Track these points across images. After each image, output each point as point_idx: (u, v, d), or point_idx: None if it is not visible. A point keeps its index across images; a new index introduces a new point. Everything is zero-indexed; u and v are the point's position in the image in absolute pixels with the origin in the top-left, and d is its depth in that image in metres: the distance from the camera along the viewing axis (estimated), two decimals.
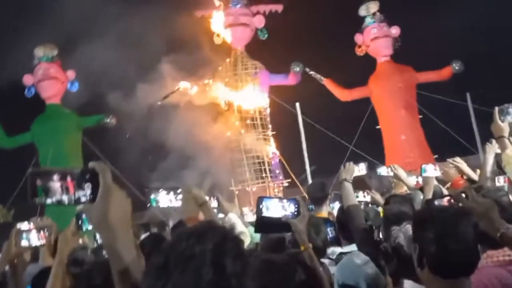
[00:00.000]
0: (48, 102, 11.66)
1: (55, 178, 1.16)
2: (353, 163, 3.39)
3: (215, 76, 12.62)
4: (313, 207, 3.60)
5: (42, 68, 11.45)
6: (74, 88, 11.61)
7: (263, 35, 12.64)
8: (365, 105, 12.52)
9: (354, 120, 12.36)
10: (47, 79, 11.41)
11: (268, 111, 12.89)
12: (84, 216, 2.27)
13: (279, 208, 2.21)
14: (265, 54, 13.02)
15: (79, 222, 2.35)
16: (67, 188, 1.16)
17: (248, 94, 12.56)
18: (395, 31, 12.53)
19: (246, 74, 12.82)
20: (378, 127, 12.57)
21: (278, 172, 12.55)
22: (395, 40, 12.51)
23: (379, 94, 12.37)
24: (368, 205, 4.33)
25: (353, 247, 2.73)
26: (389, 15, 12.68)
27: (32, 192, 1.15)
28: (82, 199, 1.17)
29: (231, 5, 12.71)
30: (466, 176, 3.75)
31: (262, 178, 12.27)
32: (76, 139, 11.52)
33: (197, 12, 12.61)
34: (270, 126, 12.83)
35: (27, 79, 11.44)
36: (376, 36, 12.33)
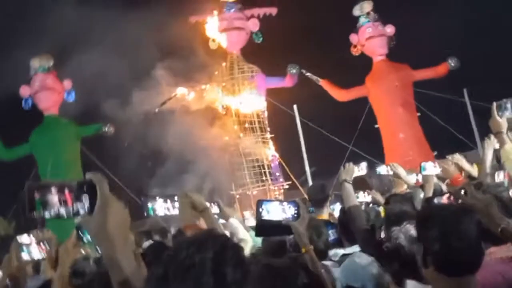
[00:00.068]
0: (45, 113, 11.65)
1: (53, 191, 1.15)
2: (352, 163, 3.39)
3: (212, 81, 12.64)
4: (313, 209, 3.60)
5: (38, 79, 11.45)
6: (71, 98, 11.60)
7: (258, 39, 12.66)
8: (362, 104, 12.54)
9: (352, 120, 12.38)
10: (44, 90, 11.41)
11: (266, 114, 12.89)
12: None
13: (279, 211, 2.20)
14: (261, 57, 13.04)
15: (80, 234, 2.35)
16: (65, 201, 1.15)
17: (246, 97, 12.57)
18: (390, 29, 12.56)
19: (242, 77, 12.83)
20: (376, 126, 12.58)
21: (278, 174, 12.55)
22: (390, 39, 12.54)
23: (376, 93, 12.39)
24: (369, 205, 4.33)
25: (355, 248, 2.72)
26: (383, 14, 12.72)
27: (30, 206, 1.15)
28: (81, 211, 1.16)
29: (225, 9, 12.74)
30: (466, 173, 3.75)
31: (262, 181, 12.27)
32: (75, 149, 11.51)
33: (191, 18, 12.64)
34: (268, 129, 12.83)
35: (24, 91, 11.44)
36: (371, 35, 12.36)
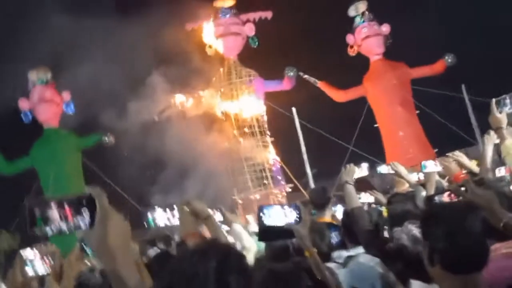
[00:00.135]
0: (45, 126, 11.66)
1: (53, 206, 1.16)
2: (353, 164, 3.39)
3: (210, 87, 12.66)
4: (315, 212, 3.59)
5: (37, 92, 11.46)
6: (70, 111, 11.61)
7: (254, 43, 12.69)
8: (361, 104, 12.55)
9: (351, 121, 12.39)
10: (43, 103, 11.42)
11: (265, 118, 12.91)
12: None
13: (281, 216, 2.20)
14: (258, 61, 13.08)
15: (83, 246, 2.35)
16: (65, 216, 1.16)
17: (244, 102, 12.59)
18: (386, 28, 12.59)
19: (240, 82, 12.86)
20: (376, 125, 12.58)
21: (279, 178, 12.54)
22: (386, 38, 12.57)
23: (374, 92, 12.40)
24: (371, 205, 4.32)
25: (359, 250, 2.71)
26: (378, 13, 12.76)
27: (31, 223, 1.15)
28: (82, 226, 1.17)
29: (220, 15, 12.78)
30: (467, 169, 3.74)
31: (265, 185, 12.26)
32: (76, 160, 11.51)
33: (187, 25, 12.68)
34: (268, 133, 12.84)
35: (23, 104, 11.45)
36: (367, 35, 12.39)
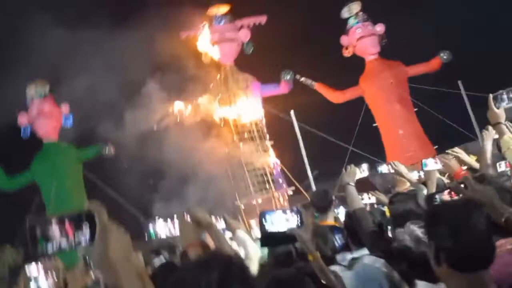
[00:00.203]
0: (45, 139, 11.66)
1: (53, 223, 1.17)
2: (354, 165, 3.39)
3: (208, 94, 12.69)
4: (318, 215, 3.58)
5: (36, 106, 11.47)
6: (69, 124, 11.61)
7: (248, 49, 12.73)
8: (359, 105, 12.57)
9: (350, 121, 12.40)
10: (42, 117, 11.42)
11: (264, 122, 12.92)
12: None
13: (283, 221, 2.20)
14: (254, 66, 13.11)
15: (87, 260, 2.35)
16: (66, 233, 1.18)
17: (242, 107, 12.61)
18: (380, 28, 12.63)
19: (238, 88, 12.88)
20: (375, 125, 12.59)
21: (281, 181, 12.54)
22: (380, 38, 12.60)
23: (371, 92, 12.42)
24: (374, 206, 4.31)
25: (363, 251, 2.70)
26: (372, 13, 12.80)
27: (32, 242, 1.17)
28: (82, 242, 1.19)
29: (215, 22, 12.82)
30: (468, 166, 3.74)
31: (266, 189, 12.25)
32: (77, 172, 11.49)
33: (182, 34, 12.71)
34: (268, 137, 12.85)
35: (22, 119, 11.45)
36: (361, 35, 12.42)
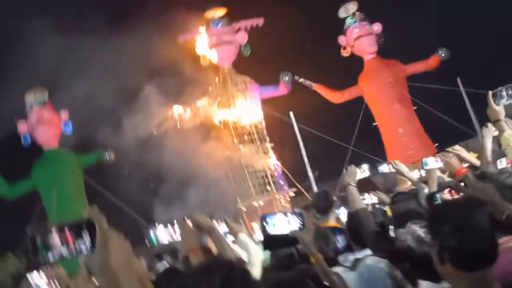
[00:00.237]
0: (45, 147, 11.66)
1: (54, 232, 1.18)
2: (354, 165, 3.39)
3: (207, 97, 12.70)
4: (319, 216, 3.58)
5: (35, 114, 11.47)
6: (69, 130, 11.61)
7: (246, 52, 12.74)
8: (358, 104, 12.57)
9: (350, 121, 12.40)
10: (42, 124, 11.42)
11: (263, 124, 12.93)
12: None
13: (284, 224, 2.20)
14: (252, 68, 13.13)
15: (89, 267, 2.34)
16: (66, 241, 1.18)
17: (242, 110, 12.62)
18: (377, 27, 12.64)
19: (237, 90, 12.90)
20: (374, 124, 12.59)
21: (282, 183, 12.53)
22: (378, 37, 12.61)
23: (370, 91, 12.42)
24: (375, 205, 4.31)
25: (366, 252, 2.70)
26: (369, 12, 12.81)
27: (33, 251, 1.17)
28: (83, 250, 1.19)
29: (212, 25, 12.84)
30: (468, 163, 3.73)
31: (267, 191, 12.25)
32: (78, 179, 11.49)
33: (179, 37, 12.73)
34: (267, 139, 12.86)
35: (22, 127, 11.44)
36: (358, 35, 12.43)
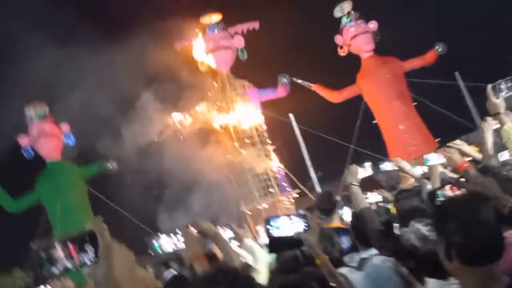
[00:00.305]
0: (48, 159, 11.68)
1: (57, 246, 1.20)
2: (356, 164, 3.38)
3: (206, 102, 12.73)
4: (324, 217, 3.57)
5: (36, 127, 11.49)
6: (71, 142, 11.64)
7: (243, 56, 12.78)
8: (357, 103, 12.57)
9: (350, 120, 12.41)
10: (43, 137, 11.44)
11: (264, 127, 12.94)
12: None
13: (289, 226, 2.19)
14: (251, 72, 13.17)
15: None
16: (70, 255, 1.20)
17: (241, 114, 12.64)
18: (373, 25, 12.65)
19: (236, 94, 12.92)
20: (374, 122, 12.58)
21: (285, 184, 12.53)
22: (374, 34, 12.62)
23: (369, 89, 12.41)
24: (379, 204, 4.30)
25: (372, 251, 2.68)
26: (364, 10, 12.82)
27: (38, 266, 1.19)
28: (87, 262, 1.21)
29: (208, 31, 12.88)
30: (470, 157, 3.72)
31: (271, 193, 12.25)
32: (82, 190, 11.51)
33: (176, 44, 12.77)
34: (269, 141, 12.87)
35: (23, 141, 11.47)
36: (355, 34, 12.44)
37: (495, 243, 1.52)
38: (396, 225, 2.79)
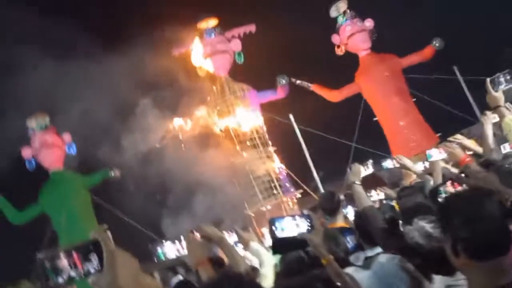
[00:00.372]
0: (50, 170, 11.71)
1: (61, 256, 1.20)
2: (358, 163, 3.38)
3: (206, 107, 12.75)
4: (328, 217, 3.56)
5: (38, 138, 11.52)
6: (73, 151, 11.66)
7: (239, 59, 12.80)
8: (357, 101, 12.57)
9: (350, 118, 12.41)
10: (45, 148, 11.46)
11: (264, 129, 12.95)
12: None
13: (293, 227, 2.19)
14: (249, 75, 13.19)
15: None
16: (74, 264, 1.20)
17: (241, 116, 12.66)
18: (369, 23, 12.65)
19: (235, 97, 12.94)
20: (375, 119, 12.57)
21: (288, 185, 12.53)
22: (371, 32, 12.63)
23: (368, 87, 12.41)
24: (382, 201, 4.29)
25: (377, 250, 2.68)
26: (360, 8, 12.82)
27: (43, 276, 1.19)
28: (92, 271, 1.21)
29: (205, 36, 12.92)
30: (472, 151, 3.71)
31: (274, 194, 12.24)
32: (86, 200, 11.52)
33: (174, 51, 12.80)
34: (270, 143, 12.87)
35: (26, 152, 11.49)
36: (351, 32, 12.45)
37: (501, 237, 1.51)
38: (401, 222, 2.78)
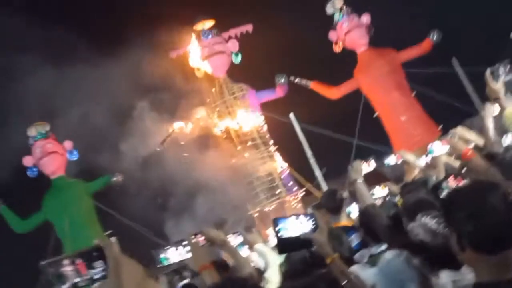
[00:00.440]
0: (52, 177, 11.72)
1: (65, 263, 1.21)
2: (360, 159, 3.36)
3: (205, 108, 12.75)
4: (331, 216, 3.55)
5: (39, 146, 11.54)
6: (74, 157, 11.67)
7: (236, 60, 12.79)
8: (357, 97, 12.54)
9: (351, 115, 12.38)
10: (46, 156, 11.48)
11: (265, 128, 12.94)
12: None
13: (297, 226, 2.19)
14: (248, 75, 13.18)
15: None
16: (78, 270, 1.21)
17: (241, 117, 12.65)
18: (366, 19, 12.62)
19: (234, 98, 12.94)
20: (376, 114, 12.54)
21: (290, 184, 12.52)
22: (368, 28, 12.59)
23: (367, 83, 12.38)
24: (386, 198, 4.28)
25: (382, 247, 2.67)
26: (357, 4, 12.78)
27: (47, 283, 1.20)
28: (96, 277, 1.21)
29: (202, 37, 12.91)
30: (474, 143, 3.70)
31: (277, 194, 12.24)
32: (89, 206, 11.53)
33: (171, 53, 12.80)
34: (271, 142, 12.87)
35: (27, 161, 11.52)
36: (348, 29, 12.42)
37: (506, 230, 1.50)
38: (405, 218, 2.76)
